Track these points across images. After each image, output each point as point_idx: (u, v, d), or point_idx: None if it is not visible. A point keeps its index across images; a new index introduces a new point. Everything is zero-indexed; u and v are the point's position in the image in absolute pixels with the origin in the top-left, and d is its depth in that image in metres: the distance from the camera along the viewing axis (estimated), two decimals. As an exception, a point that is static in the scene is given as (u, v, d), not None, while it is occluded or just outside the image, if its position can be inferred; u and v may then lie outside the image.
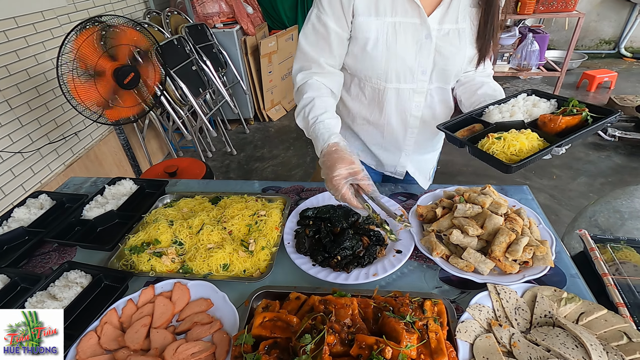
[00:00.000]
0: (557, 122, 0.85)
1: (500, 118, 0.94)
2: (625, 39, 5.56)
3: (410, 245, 0.99)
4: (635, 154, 3.37)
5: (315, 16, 1.02)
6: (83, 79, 1.94)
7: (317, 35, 1.03)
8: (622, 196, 1.25)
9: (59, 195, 1.34)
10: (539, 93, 1.00)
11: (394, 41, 1.00)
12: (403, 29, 0.99)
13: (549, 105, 0.96)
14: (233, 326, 0.81)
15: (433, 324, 0.73)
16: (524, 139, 0.83)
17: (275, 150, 3.88)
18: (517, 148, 0.83)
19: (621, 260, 0.94)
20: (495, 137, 0.85)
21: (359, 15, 0.99)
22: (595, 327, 0.75)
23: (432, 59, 1.03)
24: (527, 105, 0.97)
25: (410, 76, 1.06)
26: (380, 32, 0.99)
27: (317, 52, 1.05)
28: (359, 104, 1.18)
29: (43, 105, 2.48)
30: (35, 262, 1.10)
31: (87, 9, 2.87)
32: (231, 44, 3.83)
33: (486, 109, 0.99)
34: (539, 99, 0.98)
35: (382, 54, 1.02)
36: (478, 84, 1.11)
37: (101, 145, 3.01)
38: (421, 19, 0.98)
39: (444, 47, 1.01)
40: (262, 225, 1.08)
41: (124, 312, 0.87)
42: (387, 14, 0.98)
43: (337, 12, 0.99)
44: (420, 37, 1.00)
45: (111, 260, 1.03)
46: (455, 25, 1.00)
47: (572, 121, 0.85)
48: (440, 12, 0.98)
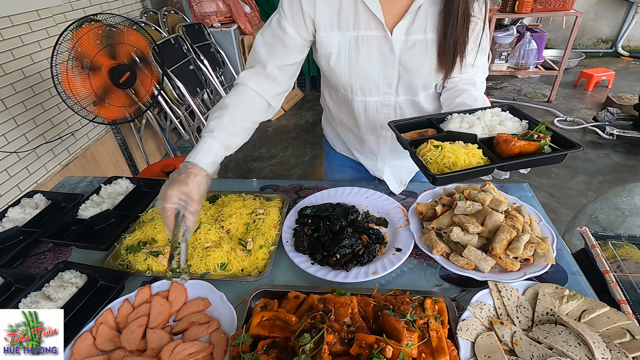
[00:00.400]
0: (511, 144, 0.78)
1: (458, 127, 0.88)
2: (622, 38, 5.57)
3: (410, 243, 0.98)
4: (633, 152, 3.38)
5: (276, 20, 0.99)
6: (77, 71, 1.92)
7: (274, 38, 1.00)
8: (622, 193, 1.25)
9: (54, 194, 1.33)
10: (514, 111, 0.92)
11: (355, 55, 0.99)
12: (366, 43, 0.97)
13: (517, 125, 0.88)
14: (231, 326, 0.80)
15: (434, 322, 0.72)
16: (461, 153, 0.78)
17: (274, 150, 3.87)
18: (452, 161, 0.78)
19: (622, 257, 0.93)
20: (434, 145, 0.80)
21: (321, 30, 0.97)
22: (597, 324, 0.75)
23: (397, 72, 1.01)
24: (494, 121, 0.89)
25: (376, 89, 1.05)
26: (342, 46, 0.98)
27: (269, 54, 1.01)
28: (338, 109, 1.19)
29: (39, 104, 2.46)
30: (30, 262, 1.09)
31: (83, 8, 2.85)
32: (229, 43, 3.82)
33: (449, 116, 0.92)
34: (509, 117, 0.90)
35: (344, 68, 1.01)
36: (459, 91, 1.04)
37: (98, 145, 2.99)
38: (384, 33, 0.95)
39: (407, 61, 0.98)
40: (260, 224, 1.06)
41: (120, 312, 0.86)
42: (350, 27, 0.96)
43: (298, 20, 0.97)
44: (384, 50, 0.98)
45: (107, 260, 1.02)
46: (423, 35, 0.95)
47: (528, 147, 0.78)
48: (406, 22, 0.94)
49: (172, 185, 0.87)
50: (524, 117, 0.89)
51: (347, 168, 1.41)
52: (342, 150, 1.37)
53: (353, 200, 1.18)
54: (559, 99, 4.48)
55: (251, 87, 1.02)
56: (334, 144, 1.39)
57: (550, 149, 0.77)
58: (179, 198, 0.87)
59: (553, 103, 4.38)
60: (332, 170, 1.46)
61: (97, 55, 1.94)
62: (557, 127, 3.86)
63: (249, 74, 1.03)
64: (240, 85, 1.03)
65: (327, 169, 1.50)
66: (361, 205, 1.15)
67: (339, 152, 1.38)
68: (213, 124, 0.96)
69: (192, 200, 0.87)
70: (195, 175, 0.89)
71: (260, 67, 1.02)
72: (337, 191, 1.21)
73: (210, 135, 0.95)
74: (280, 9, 0.99)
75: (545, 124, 0.83)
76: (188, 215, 0.88)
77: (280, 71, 1.03)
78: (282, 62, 1.02)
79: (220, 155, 0.97)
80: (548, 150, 0.77)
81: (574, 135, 3.71)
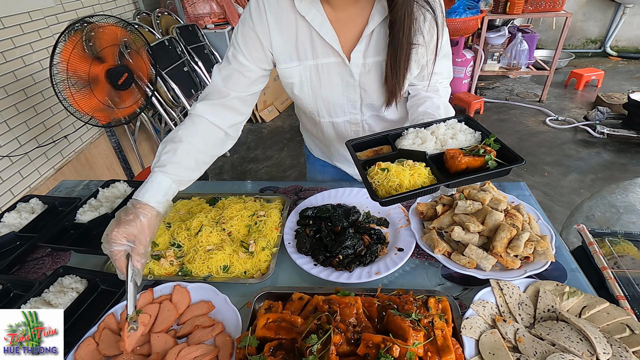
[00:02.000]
0: (456, 160, 0.79)
1: (411, 144, 0.88)
2: (610, 38, 5.67)
3: (411, 243, 0.98)
4: (623, 150, 3.44)
5: (232, 54, 0.98)
6: (78, 88, 1.91)
7: (232, 71, 0.98)
8: (617, 191, 1.27)
9: (50, 199, 1.31)
10: (469, 122, 0.92)
11: (317, 83, 1.01)
12: (326, 70, 0.99)
13: (470, 137, 0.88)
14: (235, 328, 0.80)
15: (439, 321, 0.73)
16: (406, 176, 0.79)
17: (269, 152, 3.86)
18: (397, 183, 0.80)
19: (619, 253, 0.95)
20: (381, 167, 0.82)
21: (280, 62, 0.99)
22: (597, 320, 0.76)
23: (359, 94, 1.04)
24: (447, 135, 0.89)
25: (341, 111, 1.09)
26: (304, 75, 1.00)
27: (227, 86, 0.98)
28: (311, 125, 1.24)
29: (31, 107, 2.43)
30: (27, 268, 1.07)
31: (76, 10, 2.82)
32: (223, 44, 3.80)
33: (405, 131, 0.92)
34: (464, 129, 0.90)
35: (308, 95, 1.05)
36: (422, 99, 1.05)
37: (92, 148, 2.96)
38: (341, 59, 0.97)
39: (366, 84, 1.01)
40: (262, 226, 1.06)
41: (122, 317, 0.85)
42: (309, 57, 0.97)
43: (255, 54, 0.97)
44: (345, 75, 1.00)
45: (107, 264, 1.01)
46: (380, 57, 0.96)
47: (473, 162, 0.79)
48: (362, 47, 0.95)
49: (119, 226, 0.81)
50: (478, 128, 0.89)
51: (329, 167, 1.42)
52: (319, 156, 1.41)
53: (353, 200, 1.18)
54: (551, 98, 4.54)
55: (208, 118, 0.97)
56: (311, 149, 1.42)
57: (496, 164, 0.78)
58: (127, 240, 0.81)
59: (545, 102, 4.44)
60: (314, 171, 1.48)
61: (91, 67, 1.93)
62: (549, 126, 3.92)
63: (205, 105, 0.97)
64: (195, 116, 0.97)
65: (310, 171, 1.52)
66: (362, 206, 1.15)
67: (317, 157, 1.42)
68: (165, 158, 0.89)
69: (140, 243, 0.82)
70: (145, 215, 0.83)
71: (218, 97, 0.98)
72: (338, 192, 1.22)
73: (161, 170, 0.88)
74: (234, 43, 0.97)
75: (495, 136, 0.83)
76: (136, 257, 0.82)
77: (241, 102, 1.01)
78: (243, 94, 1.00)
79: (173, 192, 0.90)
80: (493, 165, 0.78)
81: (565, 135, 3.77)
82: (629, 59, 5.67)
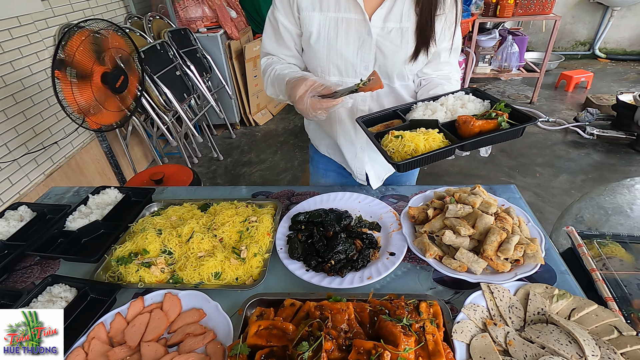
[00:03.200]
0: (470, 124, 0.83)
1: (422, 115, 0.92)
2: (599, 41, 5.76)
3: (403, 247, 0.99)
4: (612, 150, 3.49)
5: (271, 13, 1.11)
6: (75, 81, 1.90)
7: (273, 31, 1.12)
8: (605, 192, 1.29)
9: (39, 206, 1.29)
10: (476, 93, 0.98)
11: (334, 36, 1.05)
12: (345, 25, 1.03)
13: (480, 106, 0.92)
14: (227, 336, 0.79)
15: (430, 325, 0.73)
16: (420, 140, 0.82)
17: (263, 155, 3.85)
18: (412, 148, 0.83)
19: (608, 255, 0.97)
20: (395, 135, 0.85)
21: (303, 10, 1.05)
22: (586, 322, 0.77)
23: (374, 55, 1.06)
24: (456, 105, 0.95)
25: (353, 71, 1.09)
26: (322, 26, 1.05)
27: (275, 47, 1.13)
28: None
29: (20, 113, 2.40)
30: (15, 277, 1.06)
31: (66, 14, 2.79)
32: (215, 48, 3.80)
33: (414, 105, 0.98)
34: (472, 99, 0.95)
35: (323, 47, 1.07)
36: (433, 85, 1.12)
37: (83, 153, 2.93)
38: (363, 16, 1.02)
39: (384, 45, 1.04)
40: (254, 232, 1.06)
41: (112, 326, 0.84)
42: (331, 9, 1.03)
43: (286, 8, 1.07)
44: (362, 33, 1.04)
45: (97, 273, 1.00)
46: (399, 24, 1.02)
47: (486, 125, 0.83)
48: (384, 10, 1.01)
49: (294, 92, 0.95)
50: (486, 97, 0.94)
51: (331, 172, 1.43)
52: (326, 150, 1.39)
53: (345, 205, 1.18)
54: (541, 100, 4.60)
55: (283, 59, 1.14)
56: (317, 145, 1.41)
57: (508, 125, 0.81)
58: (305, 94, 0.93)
59: (535, 104, 4.49)
60: (317, 174, 1.48)
61: (94, 64, 1.92)
62: (540, 127, 3.96)
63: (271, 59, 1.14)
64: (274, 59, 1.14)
65: (312, 173, 1.52)
66: (354, 210, 1.16)
67: (323, 153, 1.40)
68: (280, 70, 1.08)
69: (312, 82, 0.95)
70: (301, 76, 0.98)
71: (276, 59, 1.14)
72: (330, 196, 1.22)
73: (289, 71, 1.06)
74: (274, 2, 1.09)
75: (505, 102, 0.86)
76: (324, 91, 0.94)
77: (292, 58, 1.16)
78: (289, 51, 1.14)
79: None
80: (505, 126, 0.81)
81: (556, 136, 3.82)
82: (617, 61, 5.77)
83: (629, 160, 3.34)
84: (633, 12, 5.44)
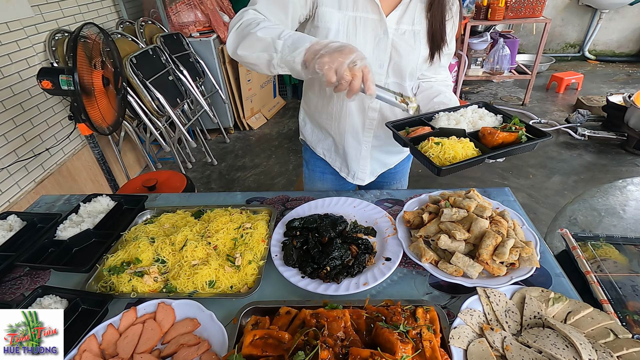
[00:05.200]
0: (495, 136, 0.93)
1: (446, 124, 1.02)
2: (588, 43, 5.85)
3: (399, 252, 0.98)
4: (603, 151, 3.53)
5: None
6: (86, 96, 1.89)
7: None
8: (598, 194, 1.30)
9: (29, 215, 1.27)
10: (488, 107, 1.08)
11: (353, 34, 1.07)
12: (363, 24, 1.06)
13: (494, 119, 1.04)
14: (222, 346, 0.78)
15: (426, 332, 0.72)
16: (459, 148, 0.92)
17: (257, 159, 3.84)
18: (452, 155, 0.91)
19: (602, 257, 0.97)
20: (435, 141, 0.93)
21: (323, 5, 1.05)
22: (582, 325, 0.77)
23: (389, 53, 1.10)
24: (474, 117, 1.05)
25: None
26: (341, 24, 1.06)
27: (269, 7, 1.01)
28: (323, 99, 1.25)
29: (10, 120, 2.37)
30: (4, 288, 1.03)
31: (56, 19, 2.77)
32: (208, 53, 3.78)
33: (436, 115, 1.07)
34: (487, 112, 1.06)
35: None
36: (435, 92, 1.19)
37: (74, 160, 2.89)
38: (380, 16, 1.05)
39: (399, 44, 1.08)
40: (248, 239, 1.05)
41: (104, 338, 0.82)
42: (349, 8, 1.05)
43: None
44: (379, 33, 1.07)
45: (89, 283, 0.98)
46: (412, 27, 1.08)
47: (508, 137, 0.94)
48: (398, 13, 1.06)
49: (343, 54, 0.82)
50: (498, 112, 1.05)
51: (328, 175, 1.42)
52: (322, 152, 1.39)
53: (340, 210, 1.18)
54: (533, 101, 4.64)
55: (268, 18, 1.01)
56: (314, 147, 1.40)
57: (526, 138, 0.93)
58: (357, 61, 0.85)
59: (527, 106, 4.54)
60: (312, 178, 1.47)
61: (93, 74, 1.91)
62: (532, 129, 4.00)
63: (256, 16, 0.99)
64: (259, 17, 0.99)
65: (308, 177, 1.51)
66: (349, 215, 1.15)
67: (319, 154, 1.40)
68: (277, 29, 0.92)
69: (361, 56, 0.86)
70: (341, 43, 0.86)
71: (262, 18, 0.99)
72: (325, 202, 1.21)
73: (291, 33, 0.91)
74: None
75: (518, 118, 0.98)
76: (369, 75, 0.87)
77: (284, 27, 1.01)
78: (286, 19, 1.03)
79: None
80: (525, 140, 0.93)
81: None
82: (606, 62, 5.85)
83: (620, 160, 3.39)
84: (621, 15, 5.54)
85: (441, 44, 1.10)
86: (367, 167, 1.34)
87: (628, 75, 5.36)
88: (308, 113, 1.36)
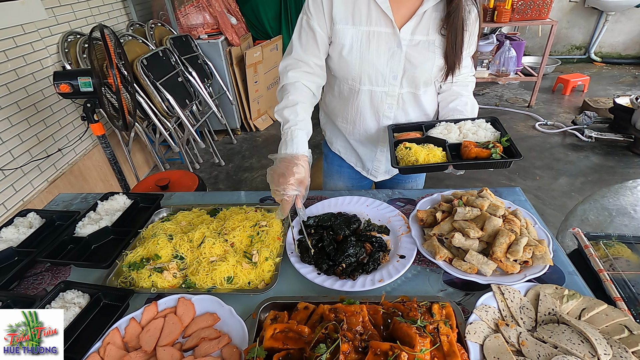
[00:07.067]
0: (469, 149, 1.01)
1: (439, 133, 1.11)
2: (594, 45, 5.83)
3: (413, 250, 1.00)
4: (610, 153, 3.52)
5: (305, 22, 1.12)
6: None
7: (307, 38, 1.13)
8: (608, 194, 1.31)
9: (48, 212, 1.30)
10: (495, 125, 1.13)
11: (367, 48, 1.10)
12: (376, 38, 1.08)
13: (490, 135, 1.09)
14: (242, 340, 0.80)
15: (444, 326, 0.74)
16: (423, 154, 1.04)
17: (264, 160, 3.86)
18: (414, 159, 1.04)
19: (614, 256, 0.98)
20: (406, 146, 1.07)
21: (337, 22, 1.09)
22: (597, 322, 0.78)
23: (403, 65, 1.12)
24: (471, 130, 1.10)
25: (382, 80, 1.15)
26: (355, 39, 1.09)
27: (307, 54, 1.14)
28: (340, 102, 1.28)
29: (24, 120, 2.41)
30: (27, 283, 1.06)
31: (69, 22, 2.81)
32: (216, 54, 3.82)
33: (438, 123, 1.15)
34: (484, 127, 1.11)
35: (355, 59, 1.12)
36: (453, 95, 1.23)
37: (85, 160, 2.93)
38: (393, 30, 1.07)
39: (413, 56, 1.10)
40: (264, 236, 1.07)
41: (127, 331, 0.85)
42: (363, 23, 1.07)
43: (321, 17, 1.09)
44: (392, 46, 1.09)
45: (109, 278, 1.00)
46: (426, 37, 1.08)
47: (481, 153, 1.01)
48: (412, 24, 1.07)
49: (289, 175, 0.95)
50: (499, 129, 1.11)
51: (345, 169, 1.45)
52: (337, 148, 1.43)
53: (353, 209, 1.20)
54: (539, 103, 4.64)
55: (303, 83, 1.14)
56: (331, 142, 1.44)
57: (499, 157, 0.99)
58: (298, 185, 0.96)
59: (533, 108, 4.54)
60: (331, 172, 1.50)
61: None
62: (538, 131, 4.00)
63: (296, 73, 1.14)
64: (297, 83, 1.14)
65: (326, 170, 1.54)
66: (362, 214, 1.17)
67: (335, 151, 1.44)
68: (293, 118, 1.07)
69: (304, 186, 0.99)
70: (305, 163, 1.01)
71: (304, 65, 1.14)
72: (338, 200, 1.23)
73: (296, 127, 1.06)
74: (306, 11, 1.12)
75: (509, 137, 1.04)
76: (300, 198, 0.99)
77: (320, 68, 1.17)
78: (319, 61, 1.16)
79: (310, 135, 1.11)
80: (496, 157, 0.99)
81: (555, 139, 3.85)
82: (612, 65, 5.84)
83: (627, 162, 3.38)
84: (627, 17, 5.52)
85: (459, 55, 1.10)
86: (381, 167, 1.37)
87: (634, 77, 5.34)
88: (326, 113, 1.39)
